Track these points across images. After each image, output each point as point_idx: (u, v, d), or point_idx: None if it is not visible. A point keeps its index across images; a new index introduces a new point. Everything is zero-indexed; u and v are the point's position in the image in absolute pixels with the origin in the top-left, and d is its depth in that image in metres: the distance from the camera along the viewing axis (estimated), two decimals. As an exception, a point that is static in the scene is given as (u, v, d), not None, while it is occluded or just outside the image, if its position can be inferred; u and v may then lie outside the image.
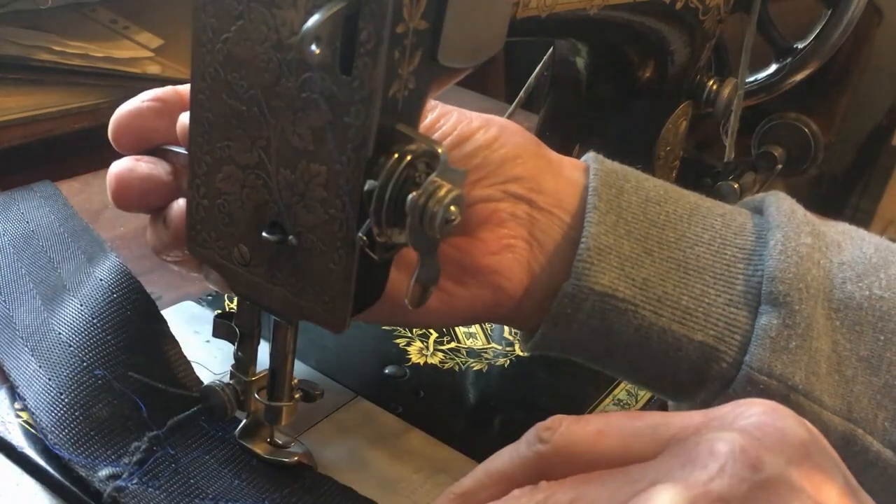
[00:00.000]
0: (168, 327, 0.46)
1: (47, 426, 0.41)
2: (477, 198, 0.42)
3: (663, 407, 0.51)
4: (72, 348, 0.44)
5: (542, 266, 0.43)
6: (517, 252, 0.43)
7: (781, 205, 0.43)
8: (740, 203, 0.46)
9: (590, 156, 0.45)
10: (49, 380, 0.43)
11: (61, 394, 0.42)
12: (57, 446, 0.40)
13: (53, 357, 0.44)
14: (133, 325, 0.45)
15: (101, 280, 0.47)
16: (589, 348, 0.44)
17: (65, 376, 0.43)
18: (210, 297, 0.56)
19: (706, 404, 0.42)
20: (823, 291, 0.41)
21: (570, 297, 0.42)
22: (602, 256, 0.41)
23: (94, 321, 0.45)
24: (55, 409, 0.42)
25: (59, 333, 0.45)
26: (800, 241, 0.41)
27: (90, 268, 0.50)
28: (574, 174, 0.44)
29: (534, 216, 0.43)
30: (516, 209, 0.43)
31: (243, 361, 0.42)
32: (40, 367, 0.44)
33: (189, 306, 0.54)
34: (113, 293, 0.46)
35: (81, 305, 0.46)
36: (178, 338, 0.46)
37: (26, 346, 0.46)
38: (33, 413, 0.42)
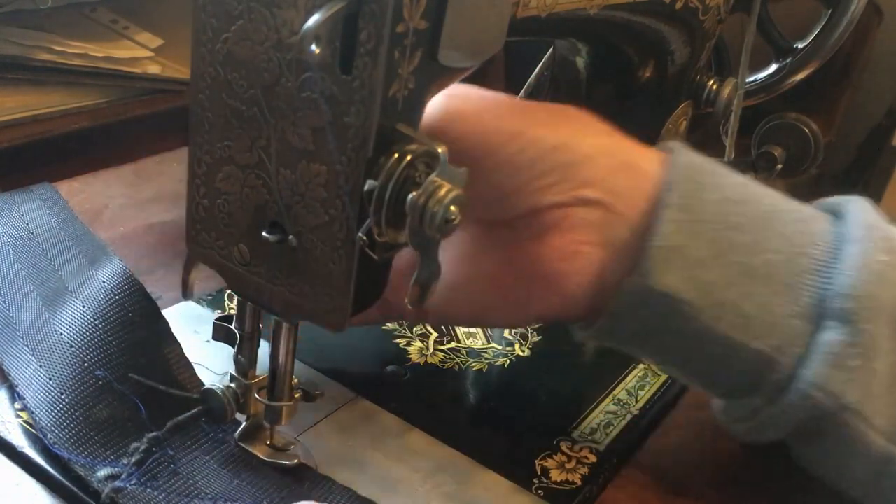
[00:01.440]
0: (170, 328, 0.46)
1: (47, 425, 0.41)
2: (548, 204, 0.41)
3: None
4: (73, 348, 0.44)
5: (613, 267, 0.42)
6: (588, 257, 0.42)
7: (862, 216, 0.42)
8: (820, 203, 0.45)
9: (674, 145, 0.43)
10: (49, 379, 0.43)
11: (62, 393, 0.42)
12: (56, 445, 0.40)
13: (54, 357, 0.44)
14: (135, 327, 0.45)
15: (103, 282, 0.47)
16: (644, 345, 0.43)
17: (65, 376, 0.43)
18: (210, 297, 0.56)
19: (756, 411, 0.42)
20: (890, 311, 0.40)
21: (632, 295, 0.41)
22: (669, 257, 0.40)
23: (97, 322, 0.45)
24: (55, 408, 0.42)
25: (61, 334, 0.45)
26: (876, 258, 0.40)
27: (93, 270, 0.51)
28: (651, 168, 0.42)
29: (607, 219, 0.42)
30: (589, 214, 0.42)
31: (243, 364, 0.42)
32: (41, 366, 0.44)
33: (189, 306, 0.54)
34: (115, 294, 0.46)
35: (83, 306, 0.46)
36: (178, 338, 0.46)
37: (27, 345, 0.46)
38: (32, 412, 0.42)
